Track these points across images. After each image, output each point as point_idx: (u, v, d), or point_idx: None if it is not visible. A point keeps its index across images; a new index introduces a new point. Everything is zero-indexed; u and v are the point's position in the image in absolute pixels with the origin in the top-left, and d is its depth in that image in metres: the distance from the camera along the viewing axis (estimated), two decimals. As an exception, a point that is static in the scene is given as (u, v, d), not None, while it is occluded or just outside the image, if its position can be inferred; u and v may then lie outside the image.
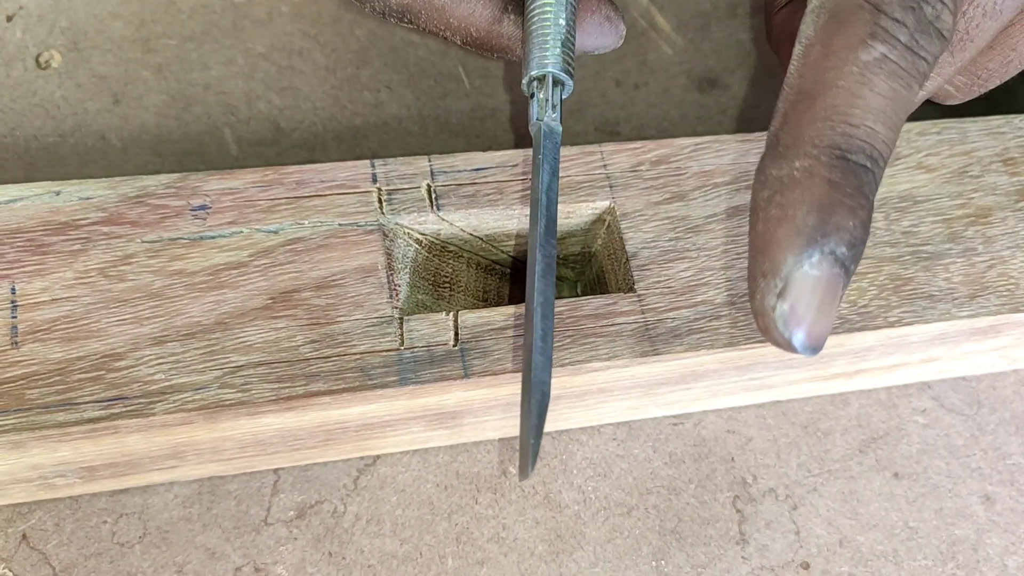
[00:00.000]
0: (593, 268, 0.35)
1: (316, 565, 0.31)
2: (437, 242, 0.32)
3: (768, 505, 0.34)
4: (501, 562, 0.32)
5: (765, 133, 0.35)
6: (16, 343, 0.27)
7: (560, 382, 0.30)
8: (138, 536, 0.31)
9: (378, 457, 0.33)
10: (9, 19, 0.40)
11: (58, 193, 0.29)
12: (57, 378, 0.27)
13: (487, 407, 0.31)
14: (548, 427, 0.34)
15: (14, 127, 0.38)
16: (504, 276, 0.35)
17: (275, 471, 0.33)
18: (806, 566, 0.33)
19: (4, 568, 0.30)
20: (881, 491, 0.35)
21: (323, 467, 0.33)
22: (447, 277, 0.33)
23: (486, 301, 0.34)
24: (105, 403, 0.27)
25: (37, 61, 0.40)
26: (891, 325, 0.32)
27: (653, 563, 0.32)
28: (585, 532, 0.33)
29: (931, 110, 0.43)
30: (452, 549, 0.32)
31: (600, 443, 0.35)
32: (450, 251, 0.33)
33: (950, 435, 0.36)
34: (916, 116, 0.40)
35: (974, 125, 0.36)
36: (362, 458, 0.33)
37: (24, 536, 0.31)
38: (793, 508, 0.34)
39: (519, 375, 0.29)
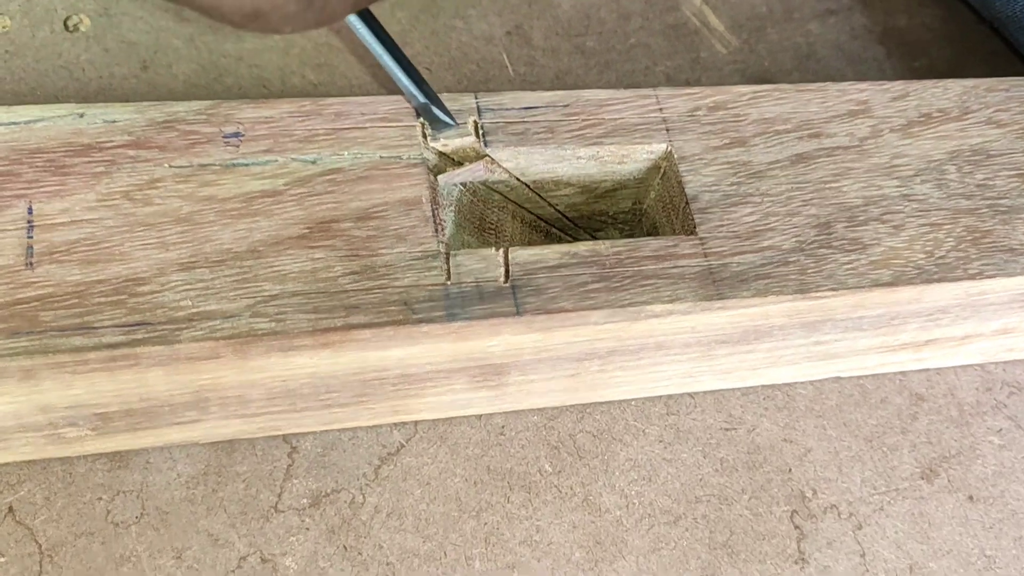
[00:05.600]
0: (644, 227, 0.33)
1: (329, 559, 0.28)
2: (482, 187, 0.30)
3: (830, 522, 0.31)
4: (533, 567, 0.29)
5: (825, 84, 0.33)
6: (31, 264, 0.25)
7: (618, 329, 0.28)
8: (135, 516, 0.28)
9: (416, 423, 0.31)
10: (36, -18, 0.39)
11: (82, 115, 0.27)
12: (75, 301, 0.24)
13: (536, 359, 0.29)
14: (596, 396, 0.32)
15: (35, 87, 0.37)
16: (550, 235, 0.33)
17: (289, 454, 0.30)
18: (873, 591, 0.30)
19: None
20: (954, 515, 0.32)
21: (342, 453, 0.30)
22: (492, 225, 0.31)
23: (532, 256, 0.31)
24: (127, 328, 0.24)
25: (65, 24, 0.38)
26: (971, 277, 0.29)
27: None
28: (627, 540, 0.30)
29: (995, 69, 0.42)
30: (480, 550, 0.29)
31: (645, 444, 0.32)
32: (495, 200, 0.31)
33: (1029, 457, 0.34)
34: (981, 73, 0.39)
35: (1044, 83, 0.35)
36: (389, 437, 0.31)
37: (11, 509, 0.28)
38: (857, 527, 0.31)
39: (575, 316, 0.27)
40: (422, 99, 0.28)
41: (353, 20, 0.26)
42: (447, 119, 0.28)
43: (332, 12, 0.22)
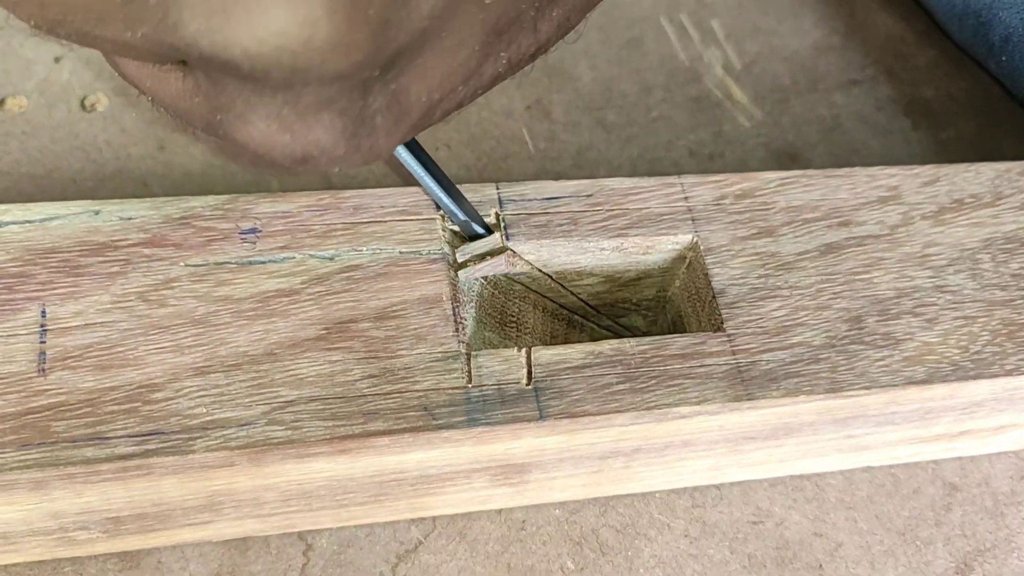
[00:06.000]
0: (668, 314, 0.32)
1: (347, 663, 0.28)
2: (503, 279, 0.29)
3: (862, 623, 0.30)
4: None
5: (854, 169, 0.32)
6: (43, 370, 0.24)
7: (643, 430, 0.27)
8: (147, 620, 0.28)
9: (435, 518, 0.30)
10: (57, 60, 0.39)
11: (97, 212, 0.27)
12: (87, 409, 0.24)
13: (559, 459, 0.28)
14: (619, 489, 0.31)
15: (52, 168, 0.36)
16: (572, 323, 0.32)
17: (304, 552, 0.29)
18: None
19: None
20: (991, 613, 0.31)
21: (359, 550, 0.29)
22: (513, 317, 0.30)
23: (554, 346, 0.31)
24: (140, 438, 0.23)
25: (82, 104, 0.38)
26: (1008, 373, 0.28)
27: (740, 661, 0.29)
28: (653, 643, 0.29)
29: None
30: (501, 652, 0.28)
31: (670, 539, 0.31)
32: (516, 291, 0.30)
33: (1068, 551, 0.32)
34: (1009, 147, 0.38)
35: (1078, 166, 0.34)
36: (407, 533, 0.30)
37: (15, 614, 0.27)
38: None
39: (599, 420, 0.26)
40: (463, 218, 0.27)
41: (399, 150, 0.26)
42: (484, 232, 0.28)
43: (379, 151, 0.21)
